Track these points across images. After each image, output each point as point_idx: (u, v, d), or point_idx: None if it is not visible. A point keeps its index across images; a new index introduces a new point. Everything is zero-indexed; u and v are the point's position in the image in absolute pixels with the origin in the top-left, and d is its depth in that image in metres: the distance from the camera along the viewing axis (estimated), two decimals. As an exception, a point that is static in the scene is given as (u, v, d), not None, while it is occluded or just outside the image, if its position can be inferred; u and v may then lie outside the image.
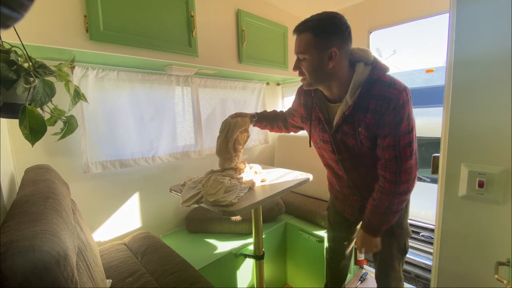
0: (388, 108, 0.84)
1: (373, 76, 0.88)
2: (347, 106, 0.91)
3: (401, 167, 0.89)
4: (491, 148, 0.63)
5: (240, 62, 1.63)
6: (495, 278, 0.58)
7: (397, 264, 1.09)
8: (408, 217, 1.10)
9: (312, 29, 0.85)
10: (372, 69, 0.89)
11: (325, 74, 0.90)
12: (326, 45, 0.85)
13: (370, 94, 0.87)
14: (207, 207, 1.03)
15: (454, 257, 0.73)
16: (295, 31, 0.90)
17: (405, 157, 0.89)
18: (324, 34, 0.85)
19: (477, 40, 0.63)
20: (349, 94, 0.90)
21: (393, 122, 0.86)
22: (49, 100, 0.66)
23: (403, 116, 0.85)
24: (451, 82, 0.67)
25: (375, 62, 0.90)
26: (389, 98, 0.84)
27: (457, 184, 0.69)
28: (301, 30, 0.88)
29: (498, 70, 0.61)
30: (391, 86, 0.85)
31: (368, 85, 0.87)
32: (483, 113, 0.64)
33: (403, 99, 0.84)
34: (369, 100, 0.87)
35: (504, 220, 0.63)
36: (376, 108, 0.86)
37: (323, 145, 1.08)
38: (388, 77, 0.88)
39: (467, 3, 0.63)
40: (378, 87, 0.86)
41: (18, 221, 0.52)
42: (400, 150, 0.88)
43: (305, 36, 0.86)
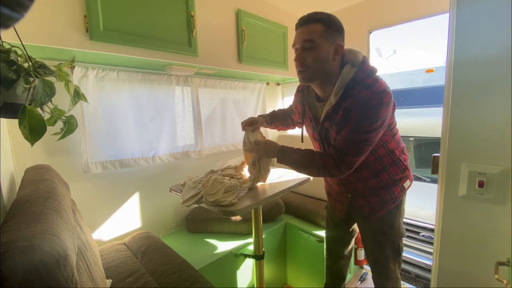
0: (357, 106, 0.87)
1: (357, 78, 0.90)
2: (330, 105, 0.95)
3: (345, 157, 0.90)
4: (491, 148, 0.63)
5: (240, 62, 1.63)
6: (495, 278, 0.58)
7: (392, 264, 1.09)
8: (401, 217, 1.10)
9: (323, 21, 0.88)
10: (357, 71, 0.91)
11: (327, 69, 0.92)
12: (335, 38, 0.89)
13: (348, 94, 0.90)
14: (207, 207, 1.03)
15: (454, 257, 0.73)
16: (302, 21, 0.90)
17: (352, 152, 0.89)
18: (334, 28, 0.89)
19: (477, 40, 0.63)
20: (333, 93, 0.93)
21: (355, 118, 0.88)
22: (49, 100, 0.66)
23: (369, 117, 0.86)
24: (451, 82, 0.67)
25: (362, 64, 0.92)
26: (361, 98, 0.86)
27: (457, 184, 0.69)
28: (311, 21, 0.89)
29: (498, 70, 0.61)
30: (368, 88, 0.87)
31: (349, 86, 0.90)
32: (483, 113, 0.64)
33: (374, 101, 0.85)
34: (346, 99, 0.90)
35: (504, 220, 0.63)
36: (347, 105, 0.89)
37: (314, 142, 1.14)
38: (371, 80, 0.89)
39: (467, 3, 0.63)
40: (357, 88, 0.89)
41: (18, 221, 0.52)
42: (349, 144, 0.89)
43: (316, 26, 0.88)
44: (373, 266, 1.14)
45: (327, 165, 0.94)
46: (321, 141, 1.06)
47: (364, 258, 1.94)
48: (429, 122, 3.07)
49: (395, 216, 1.07)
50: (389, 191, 1.05)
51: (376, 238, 1.08)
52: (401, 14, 1.67)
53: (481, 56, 0.63)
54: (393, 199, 1.05)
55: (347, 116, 0.90)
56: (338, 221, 1.27)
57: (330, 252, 1.36)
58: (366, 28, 1.81)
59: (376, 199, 1.05)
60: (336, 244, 1.33)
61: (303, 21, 0.91)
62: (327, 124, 0.99)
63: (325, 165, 0.94)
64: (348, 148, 0.90)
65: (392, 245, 1.08)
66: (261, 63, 1.76)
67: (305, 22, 0.90)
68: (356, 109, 0.87)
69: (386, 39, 4.97)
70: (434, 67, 3.19)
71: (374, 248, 1.10)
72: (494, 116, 0.62)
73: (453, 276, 0.74)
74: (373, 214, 1.06)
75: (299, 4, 1.86)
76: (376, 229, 1.07)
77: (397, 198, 1.05)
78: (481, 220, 0.67)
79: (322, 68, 0.92)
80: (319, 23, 0.88)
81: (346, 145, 0.90)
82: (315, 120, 1.06)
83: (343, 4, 1.87)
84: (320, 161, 0.95)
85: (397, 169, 1.04)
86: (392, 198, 1.05)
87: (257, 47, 1.73)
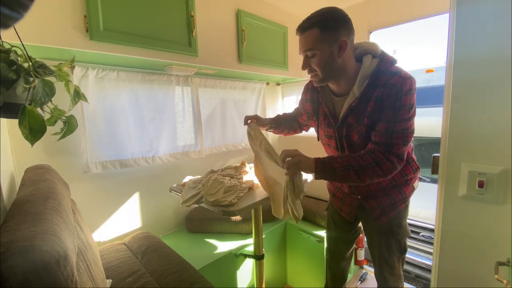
0: (390, 94, 0.85)
1: (381, 68, 0.89)
2: (354, 98, 0.91)
3: (392, 148, 0.87)
4: (491, 148, 0.63)
5: (240, 62, 1.63)
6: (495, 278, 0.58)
7: (397, 262, 1.09)
8: (407, 217, 1.10)
9: (318, 25, 0.85)
10: (379, 61, 0.90)
11: (336, 68, 0.91)
12: (335, 37, 0.87)
13: (376, 84, 0.88)
14: (207, 207, 1.03)
15: (454, 257, 0.73)
16: (300, 29, 0.90)
17: (397, 142, 0.87)
18: (331, 28, 0.86)
19: (477, 40, 0.63)
20: (356, 85, 0.91)
21: (391, 107, 0.86)
22: (49, 100, 0.66)
23: (404, 103, 0.85)
24: (451, 82, 0.67)
25: (383, 55, 0.91)
26: (391, 84, 0.85)
27: (457, 184, 0.69)
28: (306, 27, 0.87)
29: (498, 70, 0.61)
30: (396, 75, 0.86)
31: (375, 76, 0.88)
32: (483, 113, 0.64)
33: (406, 86, 0.85)
34: (374, 89, 0.88)
35: (504, 220, 0.63)
36: (378, 95, 0.87)
37: (328, 141, 1.08)
38: (395, 68, 0.89)
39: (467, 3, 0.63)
40: (383, 77, 0.87)
41: (18, 221, 0.52)
42: (393, 136, 0.87)
43: (312, 32, 0.86)
44: (379, 265, 1.12)
45: (379, 162, 0.86)
46: (339, 139, 1.01)
47: (364, 258, 1.94)
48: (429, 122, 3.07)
49: (403, 216, 1.07)
50: (400, 191, 1.04)
51: (384, 238, 1.08)
52: (401, 14, 1.67)
53: (481, 56, 0.63)
54: (403, 199, 1.04)
55: (380, 106, 0.87)
56: (341, 223, 1.25)
57: (332, 254, 1.34)
58: (366, 28, 1.81)
59: (387, 200, 1.04)
60: (338, 245, 1.32)
61: (300, 29, 0.90)
62: (352, 120, 0.94)
63: (377, 162, 0.86)
64: (393, 139, 0.87)
65: (398, 243, 1.07)
66: (261, 63, 1.76)
67: (302, 31, 0.89)
68: (390, 98, 0.85)
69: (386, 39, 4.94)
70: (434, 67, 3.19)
71: (382, 247, 1.08)
72: (494, 116, 0.62)
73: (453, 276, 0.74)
74: (384, 215, 1.04)
75: (299, 4, 1.86)
76: (386, 229, 1.06)
77: (407, 198, 1.05)
78: (481, 220, 0.67)
79: (330, 68, 0.90)
80: (314, 28, 0.86)
81: (390, 137, 0.87)
82: (332, 116, 1.01)
83: (343, 4, 1.87)
84: (369, 159, 0.87)
85: (410, 169, 1.04)
86: (403, 198, 1.04)
87: (257, 47, 1.73)
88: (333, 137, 1.03)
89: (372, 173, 0.87)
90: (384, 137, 0.88)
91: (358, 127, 0.94)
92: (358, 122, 0.93)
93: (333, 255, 1.34)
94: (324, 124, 1.06)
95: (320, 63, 0.89)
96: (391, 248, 1.07)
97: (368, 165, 0.87)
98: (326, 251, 1.39)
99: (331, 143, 1.07)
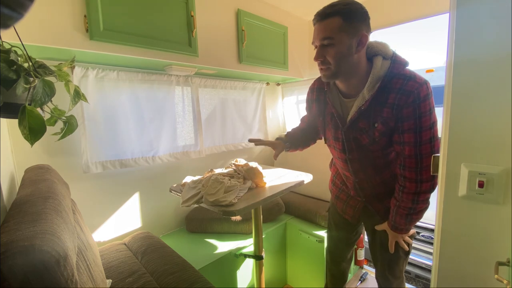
0: (407, 101, 0.82)
1: (393, 70, 0.85)
2: (364, 101, 0.87)
3: (422, 164, 0.85)
4: (491, 148, 0.63)
5: (240, 62, 1.63)
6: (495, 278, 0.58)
7: (401, 264, 1.08)
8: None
9: (341, 13, 0.80)
10: (392, 62, 0.86)
11: (351, 64, 0.86)
12: (356, 30, 0.82)
13: (389, 88, 0.84)
14: (207, 207, 1.04)
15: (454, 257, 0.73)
16: (319, 16, 0.83)
17: (426, 154, 0.84)
18: (354, 19, 0.81)
19: (477, 40, 0.63)
20: (367, 88, 0.87)
21: (412, 116, 0.82)
22: (49, 100, 0.66)
23: (424, 110, 0.82)
24: (451, 82, 0.67)
25: (395, 56, 0.88)
26: (408, 91, 0.81)
27: (457, 184, 0.69)
28: (328, 14, 0.81)
29: (498, 70, 0.61)
30: (411, 79, 0.83)
31: (387, 79, 0.85)
32: (483, 113, 0.64)
33: (423, 92, 0.81)
34: (388, 94, 0.84)
35: (504, 220, 0.63)
36: (394, 102, 0.83)
37: (334, 143, 1.05)
38: (408, 71, 0.86)
39: (467, 3, 0.63)
40: (397, 81, 0.84)
41: (18, 221, 0.52)
42: (421, 147, 0.84)
43: (333, 20, 0.81)
44: (382, 267, 1.11)
45: (420, 183, 0.86)
46: (346, 142, 0.98)
47: (364, 258, 1.94)
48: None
49: None
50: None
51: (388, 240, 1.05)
52: (401, 14, 1.67)
53: (481, 56, 0.63)
54: None
55: (398, 114, 0.84)
56: (343, 225, 1.23)
57: (332, 255, 1.33)
58: (366, 28, 1.81)
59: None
60: (339, 247, 1.30)
61: (319, 16, 0.83)
62: (362, 123, 0.91)
63: (419, 185, 0.86)
64: (422, 151, 0.84)
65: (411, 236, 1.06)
66: (261, 63, 1.76)
67: (322, 17, 0.82)
68: (408, 106, 0.82)
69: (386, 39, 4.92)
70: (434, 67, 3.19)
71: (387, 249, 1.06)
72: (494, 116, 0.62)
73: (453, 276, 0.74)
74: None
75: (299, 4, 1.86)
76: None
77: None
78: (481, 220, 0.67)
79: (345, 63, 0.85)
80: (336, 16, 0.80)
81: (419, 149, 0.84)
82: (339, 118, 0.97)
83: (343, 4, 1.87)
84: (414, 188, 0.87)
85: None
86: None
87: (257, 47, 1.73)
88: (340, 140, 1.00)
89: (425, 198, 0.89)
90: (412, 149, 0.85)
91: (370, 131, 0.90)
92: (370, 126, 0.90)
93: (333, 256, 1.33)
94: (331, 125, 1.02)
95: (336, 54, 0.83)
96: (397, 251, 1.04)
97: (414, 188, 0.88)
98: (326, 253, 1.37)
99: (337, 146, 1.03)
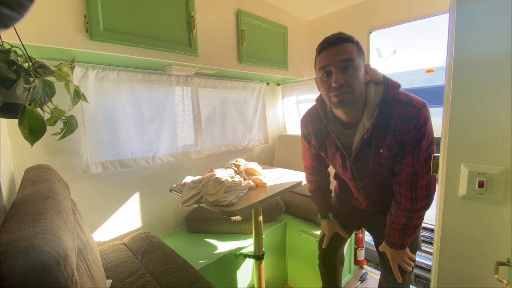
0: (409, 127, 0.83)
1: (388, 96, 0.86)
2: (365, 130, 0.88)
3: (417, 183, 0.88)
4: (491, 148, 0.63)
5: (240, 62, 1.63)
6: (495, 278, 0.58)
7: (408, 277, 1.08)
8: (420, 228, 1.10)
9: (353, 41, 0.84)
10: (385, 88, 0.87)
11: (361, 90, 0.87)
12: (364, 59, 0.86)
13: (388, 115, 0.85)
14: (207, 207, 1.04)
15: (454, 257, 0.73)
16: (333, 41, 0.83)
17: (421, 174, 0.87)
18: (361, 49, 0.86)
19: (477, 40, 0.63)
20: (365, 117, 0.88)
21: (413, 140, 0.84)
22: (49, 100, 0.66)
23: (424, 133, 0.84)
24: (451, 82, 0.67)
25: (386, 81, 0.88)
26: (409, 118, 0.83)
27: (457, 184, 0.69)
28: (343, 39, 0.83)
29: (498, 70, 0.61)
30: (410, 105, 0.83)
31: (384, 105, 0.85)
32: (483, 113, 0.64)
33: (423, 116, 0.83)
34: (389, 121, 0.85)
35: (504, 220, 0.63)
36: (396, 128, 0.84)
37: (343, 172, 1.05)
38: (404, 95, 0.86)
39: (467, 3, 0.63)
40: (395, 107, 0.84)
41: (18, 221, 0.52)
42: (417, 168, 0.87)
43: (350, 45, 0.83)
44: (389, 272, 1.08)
45: (415, 202, 0.90)
46: (356, 170, 0.98)
47: (364, 258, 1.94)
48: (429, 122, 3.08)
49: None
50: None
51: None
52: (401, 14, 1.67)
53: (481, 56, 0.63)
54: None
55: (400, 140, 0.85)
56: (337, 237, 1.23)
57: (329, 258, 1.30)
58: (366, 28, 1.81)
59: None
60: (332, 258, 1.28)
61: (336, 40, 0.83)
62: (368, 151, 0.91)
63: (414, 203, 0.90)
64: (418, 171, 0.87)
65: (417, 244, 1.09)
66: (261, 63, 1.76)
67: (336, 42, 0.82)
68: (409, 132, 0.83)
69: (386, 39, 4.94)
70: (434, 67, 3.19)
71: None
72: (494, 116, 0.62)
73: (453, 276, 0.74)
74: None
75: (299, 4, 1.86)
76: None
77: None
78: (481, 220, 0.67)
79: (360, 89, 0.85)
80: (351, 43, 0.83)
81: (415, 170, 0.87)
82: (345, 148, 0.95)
83: (343, 4, 1.87)
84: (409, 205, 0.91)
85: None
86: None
87: (257, 47, 1.73)
88: (349, 168, 0.99)
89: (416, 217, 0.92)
90: (409, 169, 0.88)
91: (376, 157, 0.91)
92: (375, 153, 0.90)
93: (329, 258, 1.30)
94: (337, 155, 1.00)
95: (358, 77, 0.83)
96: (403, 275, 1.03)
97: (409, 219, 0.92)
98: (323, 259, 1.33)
99: (347, 174, 1.03)
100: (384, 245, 1.03)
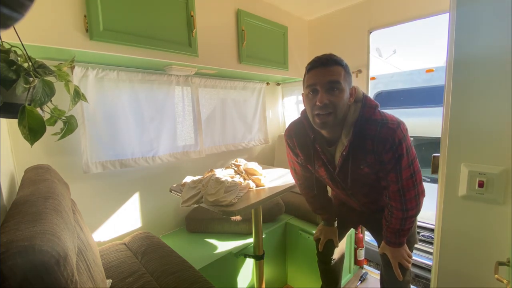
0: (385, 148, 0.85)
1: (364, 115, 0.88)
2: (343, 147, 0.91)
3: (405, 197, 0.92)
4: (491, 148, 0.63)
5: (240, 62, 1.63)
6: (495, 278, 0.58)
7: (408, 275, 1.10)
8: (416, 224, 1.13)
9: (342, 64, 0.86)
10: (362, 107, 0.89)
11: (345, 112, 0.89)
12: (350, 82, 0.89)
13: (364, 134, 0.87)
14: (207, 207, 1.04)
15: (454, 257, 0.73)
16: (323, 62, 0.85)
17: (408, 189, 0.91)
18: (349, 72, 0.88)
19: (477, 40, 0.63)
20: (344, 134, 0.91)
21: (392, 159, 0.87)
22: (49, 100, 0.66)
23: (402, 152, 0.86)
24: (451, 82, 0.67)
25: (364, 100, 0.91)
26: (384, 139, 0.85)
27: (457, 184, 0.69)
28: (333, 61, 0.85)
29: (498, 70, 0.61)
30: (384, 125, 0.85)
31: (360, 124, 0.88)
32: (483, 113, 0.64)
33: (398, 136, 0.84)
34: (364, 140, 0.88)
35: (504, 220, 0.63)
36: (373, 148, 0.87)
37: (331, 183, 1.08)
38: (379, 115, 0.88)
39: (467, 3, 0.63)
40: (371, 127, 0.87)
41: (18, 221, 0.52)
42: (403, 183, 0.90)
43: (338, 68, 0.85)
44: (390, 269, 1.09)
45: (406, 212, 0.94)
46: (342, 181, 1.02)
47: (364, 258, 1.94)
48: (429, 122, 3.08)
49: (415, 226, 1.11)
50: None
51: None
52: (401, 14, 1.67)
53: (481, 56, 0.63)
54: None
55: (379, 158, 0.88)
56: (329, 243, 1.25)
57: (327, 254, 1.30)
58: (366, 28, 1.81)
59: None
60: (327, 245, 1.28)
61: (326, 61, 0.85)
62: (351, 165, 0.94)
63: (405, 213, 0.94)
64: (404, 187, 0.91)
65: (414, 240, 1.11)
66: (261, 63, 1.76)
67: (326, 63, 0.85)
68: (387, 152, 0.86)
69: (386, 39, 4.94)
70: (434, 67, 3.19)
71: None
72: (494, 116, 0.62)
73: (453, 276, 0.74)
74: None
75: (299, 4, 1.86)
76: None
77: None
78: (481, 220, 0.67)
79: (344, 111, 0.88)
80: (339, 66, 0.85)
81: (401, 185, 0.91)
82: (330, 163, 0.98)
83: (343, 4, 1.87)
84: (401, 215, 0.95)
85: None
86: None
87: (257, 47, 1.73)
88: (335, 180, 1.03)
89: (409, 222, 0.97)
90: (395, 185, 0.91)
91: (358, 170, 0.94)
92: (357, 168, 0.93)
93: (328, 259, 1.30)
94: (323, 168, 1.03)
95: (342, 100, 0.85)
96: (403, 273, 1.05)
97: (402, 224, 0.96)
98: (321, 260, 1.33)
99: (335, 185, 1.07)
100: (383, 245, 1.06)
